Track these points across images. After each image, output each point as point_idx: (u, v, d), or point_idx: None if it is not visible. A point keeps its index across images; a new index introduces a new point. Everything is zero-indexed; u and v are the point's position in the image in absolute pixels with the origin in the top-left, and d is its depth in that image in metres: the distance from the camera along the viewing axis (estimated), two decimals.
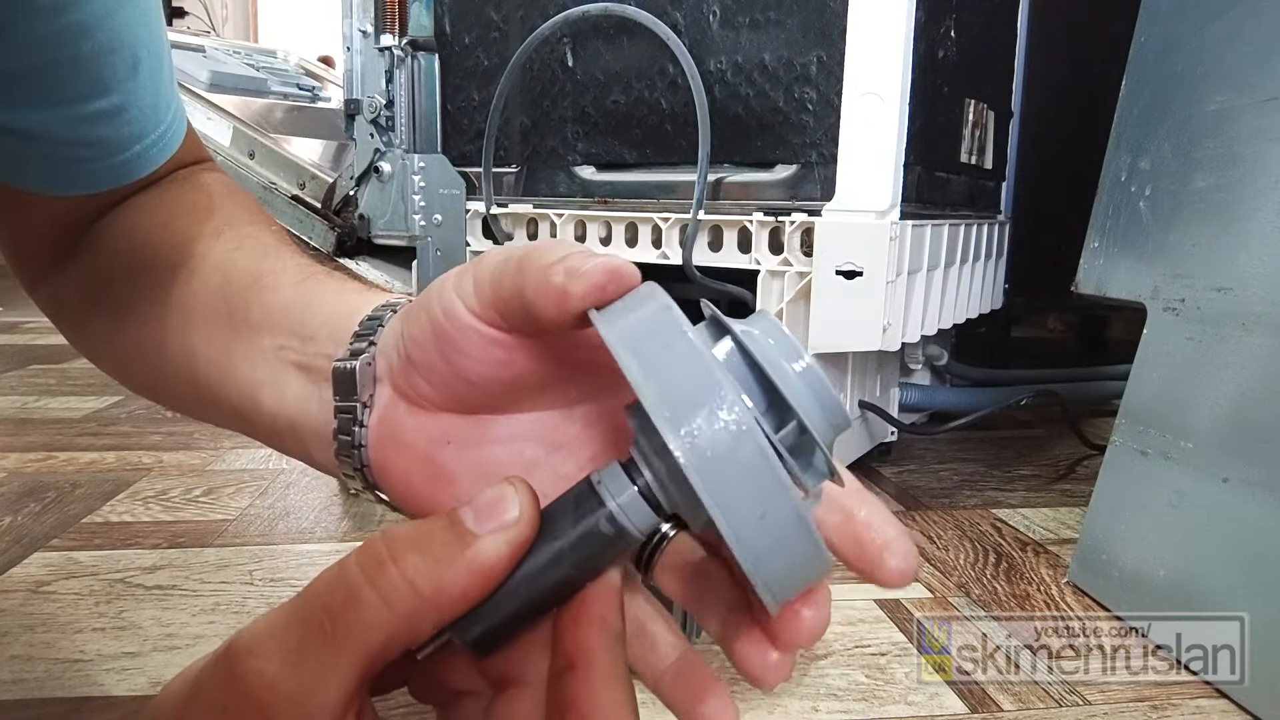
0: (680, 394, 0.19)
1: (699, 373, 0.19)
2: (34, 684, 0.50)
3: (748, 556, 0.19)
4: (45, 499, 0.80)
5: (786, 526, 0.19)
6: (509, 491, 0.21)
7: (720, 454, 0.19)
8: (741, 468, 0.19)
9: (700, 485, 0.19)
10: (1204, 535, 0.56)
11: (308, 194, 1.14)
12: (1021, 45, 1.04)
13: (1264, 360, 0.54)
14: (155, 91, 0.36)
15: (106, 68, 0.33)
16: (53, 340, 1.71)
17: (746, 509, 0.19)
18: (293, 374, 0.30)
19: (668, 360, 0.20)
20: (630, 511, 0.22)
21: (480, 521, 0.21)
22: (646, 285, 0.23)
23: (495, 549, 0.20)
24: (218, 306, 0.33)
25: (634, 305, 0.22)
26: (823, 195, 0.77)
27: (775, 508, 0.19)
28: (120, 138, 0.36)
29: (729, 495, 0.19)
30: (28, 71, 0.31)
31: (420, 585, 0.20)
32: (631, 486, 0.22)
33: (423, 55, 0.99)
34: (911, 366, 1.04)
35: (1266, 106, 0.56)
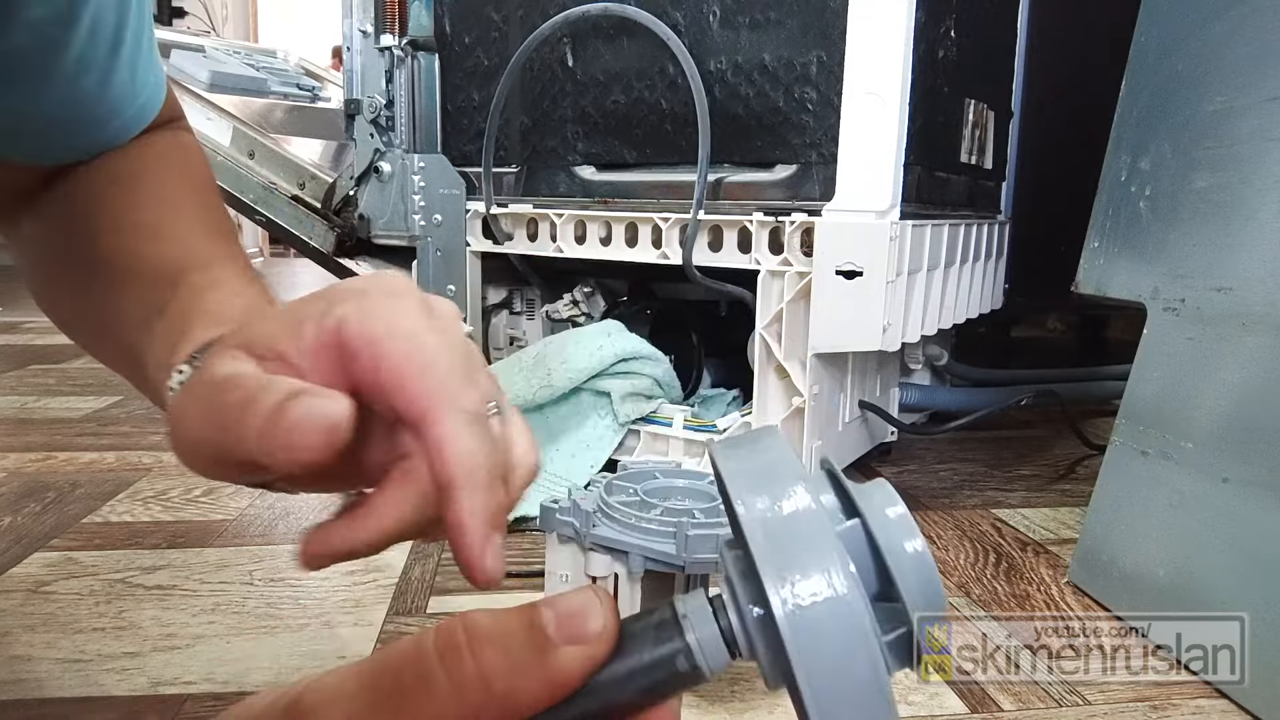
0: (794, 556, 0.19)
1: (818, 538, 0.19)
2: (34, 684, 0.50)
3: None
4: (45, 499, 0.80)
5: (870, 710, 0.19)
6: (594, 605, 0.21)
7: (822, 628, 0.19)
8: (841, 647, 0.19)
9: (795, 654, 0.18)
10: (1204, 535, 0.56)
11: (308, 194, 1.14)
12: (1021, 45, 1.04)
13: (1264, 360, 0.54)
14: (132, 68, 0.38)
15: (89, 48, 0.34)
16: (53, 340, 1.71)
17: (835, 687, 0.19)
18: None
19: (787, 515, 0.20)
20: (707, 650, 0.21)
21: (560, 629, 0.20)
22: (768, 429, 0.23)
23: (572, 662, 0.20)
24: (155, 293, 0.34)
25: (758, 447, 0.22)
26: (823, 195, 0.77)
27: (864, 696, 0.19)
28: (99, 114, 0.38)
29: (821, 670, 0.19)
30: (17, 53, 0.32)
31: (493, 683, 0.20)
32: (714, 624, 0.21)
33: (423, 55, 0.99)
34: (911, 366, 1.04)
35: (1266, 106, 0.56)
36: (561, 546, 0.53)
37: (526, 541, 0.72)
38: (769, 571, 0.19)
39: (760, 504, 0.20)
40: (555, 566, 0.53)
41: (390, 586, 0.64)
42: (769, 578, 0.19)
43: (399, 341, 0.25)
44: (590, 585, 0.22)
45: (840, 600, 0.19)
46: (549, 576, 0.54)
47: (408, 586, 0.64)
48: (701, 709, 0.50)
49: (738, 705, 0.50)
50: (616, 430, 0.85)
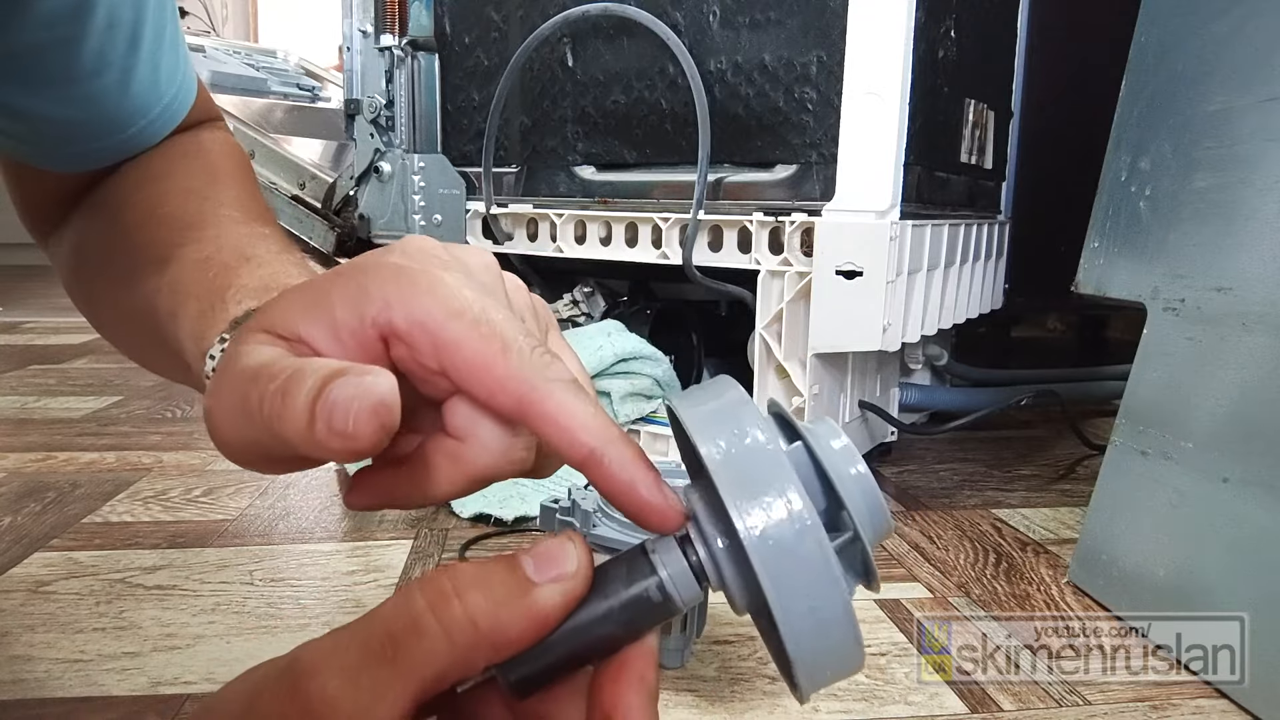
0: (753, 484, 0.21)
1: (772, 467, 0.22)
2: (34, 684, 0.50)
3: (794, 644, 0.21)
4: (45, 499, 0.80)
5: (834, 621, 0.21)
6: (569, 546, 0.22)
7: (784, 545, 0.21)
8: (802, 561, 0.21)
9: (762, 571, 0.21)
10: (1204, 535, 0.56)
11: (308, 194, 1.14)
12: (1021, 45, 1.04)
13: (1264, 360, 0.54)
14: (155, 65, 0.37)
15: (107, 44, 0.34)
16: (53, 340, 1.71)
17: (801, 599, 0.21)
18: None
19: (744, 451, 0.22)
20: (679, 583, 0.23)
21: (539, 570, 0.22)
22: (723, 377, 0.25)
23: (551, 598, 0.22)
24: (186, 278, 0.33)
25: (714, 394, 0.24)
26: (823, 195, 0.77)
27: (827, 602, 0.21)
28: (123, 114, 0.37)
29: (787, 584, 0.21)
30: (32, 50, 0.32)
31: (480, 622, 0.21)
32: (683, 560, 0.23)
33: (423, 55, 0.99)
34: (911, 366, 1.04)
35: (1266, 106, 0.56)
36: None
37: (526, 541, 0.72)
38: (733, 502, 0.21)
39: (721, 442, 0.22)
40: None
41: (390, 587, 0.63)
42: (733, 507, 0.21)
43: (464, 325, 0.23)
44: (565, 530, 0.23)
45: (798, 520, 0.21)
46: None
47: None
48: (701, 709, 0.50)
49: (738, 705, 0.50)
50: None
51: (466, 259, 0.27)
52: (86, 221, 0.41)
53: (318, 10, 2.95)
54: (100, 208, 0.40)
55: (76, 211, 0.42)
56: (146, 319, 0.34)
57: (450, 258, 0.26)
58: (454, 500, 0.77)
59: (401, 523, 0.76)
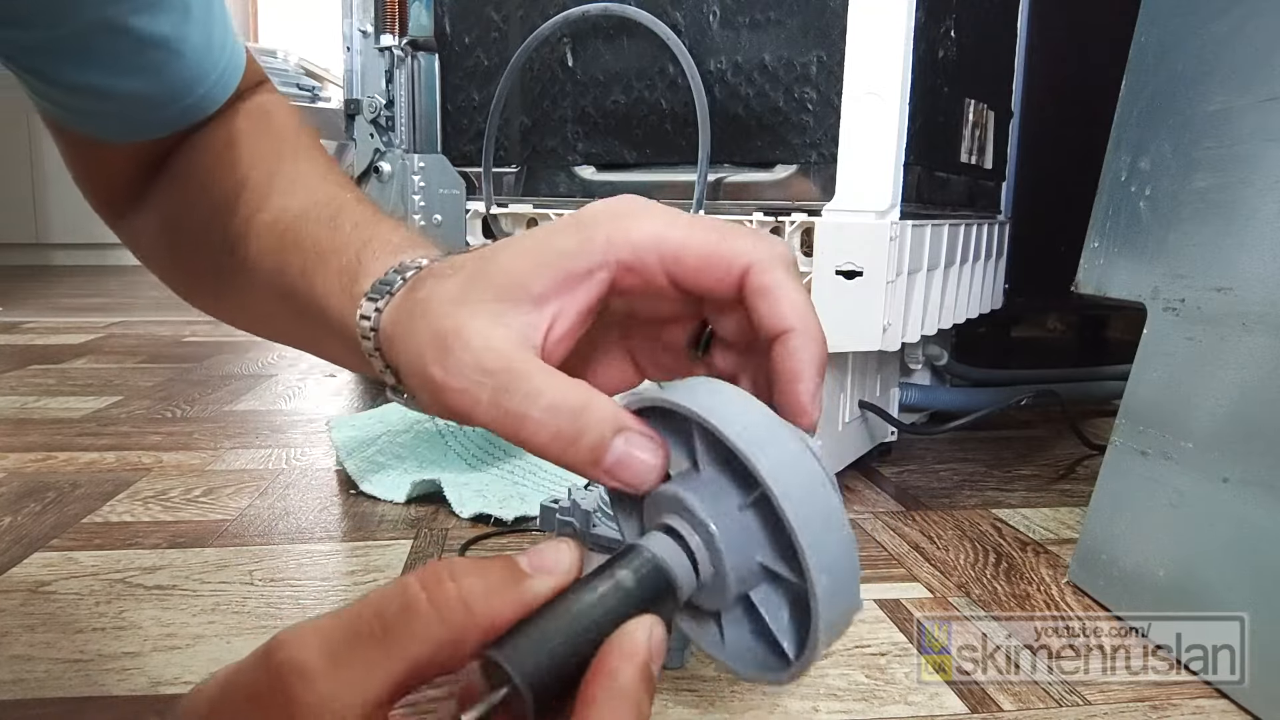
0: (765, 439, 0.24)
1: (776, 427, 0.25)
2: (34, 684, 0.50)
3: (824, 594, 0.23)
4: (45, 499, 0.80)
5: (850, 564, 0.23)
6: (563, 545, 0.24)
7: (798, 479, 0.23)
8: (825, 510, 0.23)
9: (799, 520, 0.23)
10: (1204, 535, 0.56)
11: None
12: (1021, 45, 1.04)
13: (1264, 360, 0.54)
14: (208, 33, 0.38)
15: (161, 16, 0.35)
16: (52, 340, 1.71)
17: (827, 547, 0.23)
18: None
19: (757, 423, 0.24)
20: (669, 558, 0.24)
21: (533, 563, 0.23)
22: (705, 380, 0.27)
23: (544, 586, 0.23)
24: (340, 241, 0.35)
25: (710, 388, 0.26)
26: (823, 195, 0.77)
27: (845, 546, 0.24)
28: (180, 83, 0.38)
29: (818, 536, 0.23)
30: (89, 27, 0.33)
31: (474, 605, 0.21)
32: (672, 542, 0.25)
33: (423, 55, 0.99)
34: (911, 366, 1.04)
35: (1266, 106, 0.56)
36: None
37: (526, 541, 0.72)
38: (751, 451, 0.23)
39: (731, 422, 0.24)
40: None
41: None
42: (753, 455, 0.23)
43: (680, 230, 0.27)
44: (561, 535, 0.25)
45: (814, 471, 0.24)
46: None
47: None
48: (701, 709, 0.50)
49: (737, 705, 0.50)
50: None
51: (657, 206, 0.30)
52: (171, 195, 0.42)
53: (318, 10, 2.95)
54: (185, 179, 0.41)
55: (156, 187, 0.43)
56: (269, 281, 0.36)
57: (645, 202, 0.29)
58: (455, 505, 0.77)
59: (401, 523, 0.76)
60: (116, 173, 0.42)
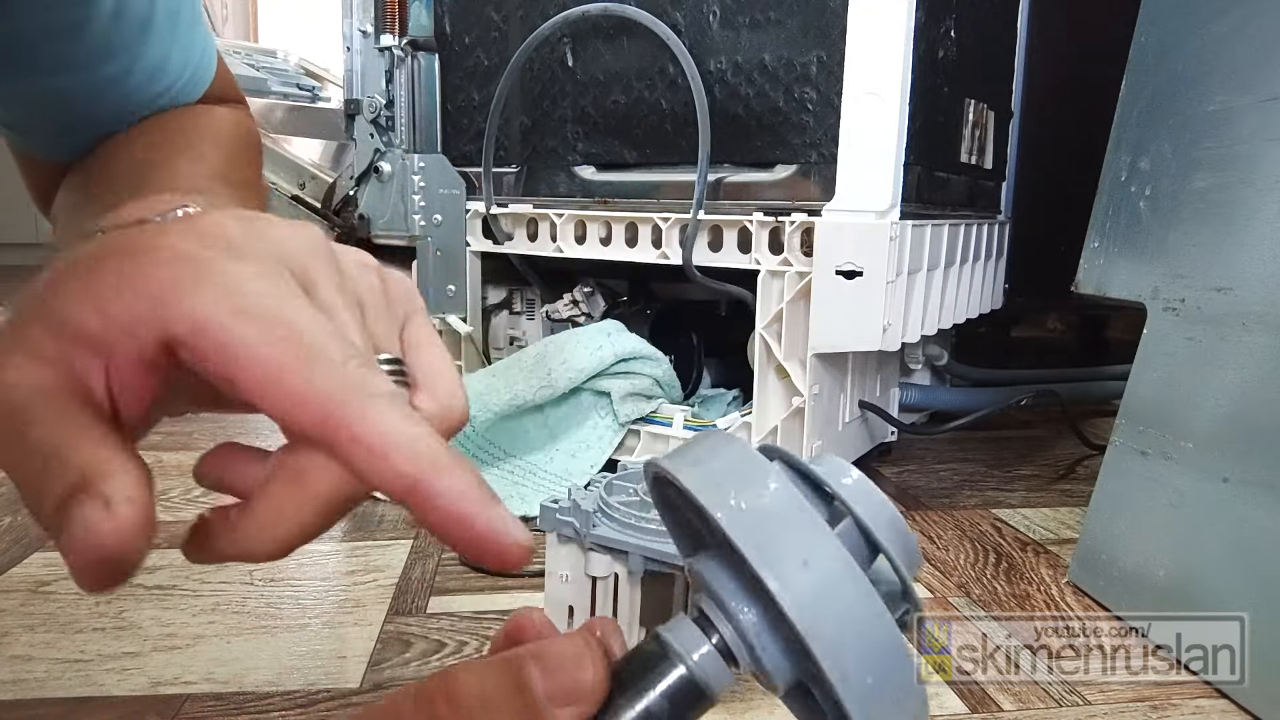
0: (782, 543, 0.19)
1: (801, 521, 0.19)
2: (34, 684, 0.50)
3: (860, 710, 0.19)
4: None
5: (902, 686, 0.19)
6: (583, 656, 0.19)
7: (828, 599, 0.19)
8: (857, 621, 0.19)
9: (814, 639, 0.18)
10: (1204, 535, 0.56)
11: (308, 194, 1.14)
12: (1021, 45, 1.04)
13: (1264, 360, 0.54)
14: (165, 52, 0.36)
15: (113, 31, 0.33)
16: None
17: (863, 666, 0.19)
18: None
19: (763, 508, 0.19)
20: (707, 669, 0.21)
21: (550, 689, 0.19)
22: (714, 432, 0.22)
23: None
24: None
25: (710, 450, 0.21)
26: (823, 195, 0.77)
27: (891, 665, 0.19)
28: (128, 104, 0.36)
29: (845, 649, 0.18)
30: (37, 35, 0.31)
31: None
32: (705, 642, 0.21)
33: (423, 55, 0.99)
34: (911, 366, 1.04)
35: (1266, 106, 0.56)
36: (561, 546, 0.53)
37: None
38: (764, 564, 0.19)
39: (734, 502, 0.19)
40: (555, 566, 0.53)
41: (390, 586, 0.63)
42: (766, 570, 0.19)
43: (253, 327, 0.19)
44: (579, 632, 0.20)
45: (837, 570, 0.19)
46: (549, 576, 0.54)
47: (408, 586, 0.64)
48: None
49: (738, 705, 0.50)
50: (616, 430, 0.85)
51: (281, 239, 0.22)
52: (63, 189, 0.39)
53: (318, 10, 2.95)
54: (74, 173, 0.38)
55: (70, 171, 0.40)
56: None
57: (250, 239, 0.21)
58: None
59: (401, 523, 0.76)
60: (51, 181, 0.39)
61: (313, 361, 0.19)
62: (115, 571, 0.18)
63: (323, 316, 0.20)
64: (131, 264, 0.20)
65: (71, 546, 0.17)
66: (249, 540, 0.21)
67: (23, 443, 0.19)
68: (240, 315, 0.19)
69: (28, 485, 0.19)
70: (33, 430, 0.19)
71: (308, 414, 0.19)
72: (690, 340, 0.98)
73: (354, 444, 0.19)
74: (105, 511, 0.18)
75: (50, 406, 0.19)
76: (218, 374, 0.19)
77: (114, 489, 0.18)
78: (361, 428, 0.19)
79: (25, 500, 0.19)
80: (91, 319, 0.19)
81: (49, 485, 0.18)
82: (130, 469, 0.19)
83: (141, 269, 0.20)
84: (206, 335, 0.19)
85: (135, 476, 0.19)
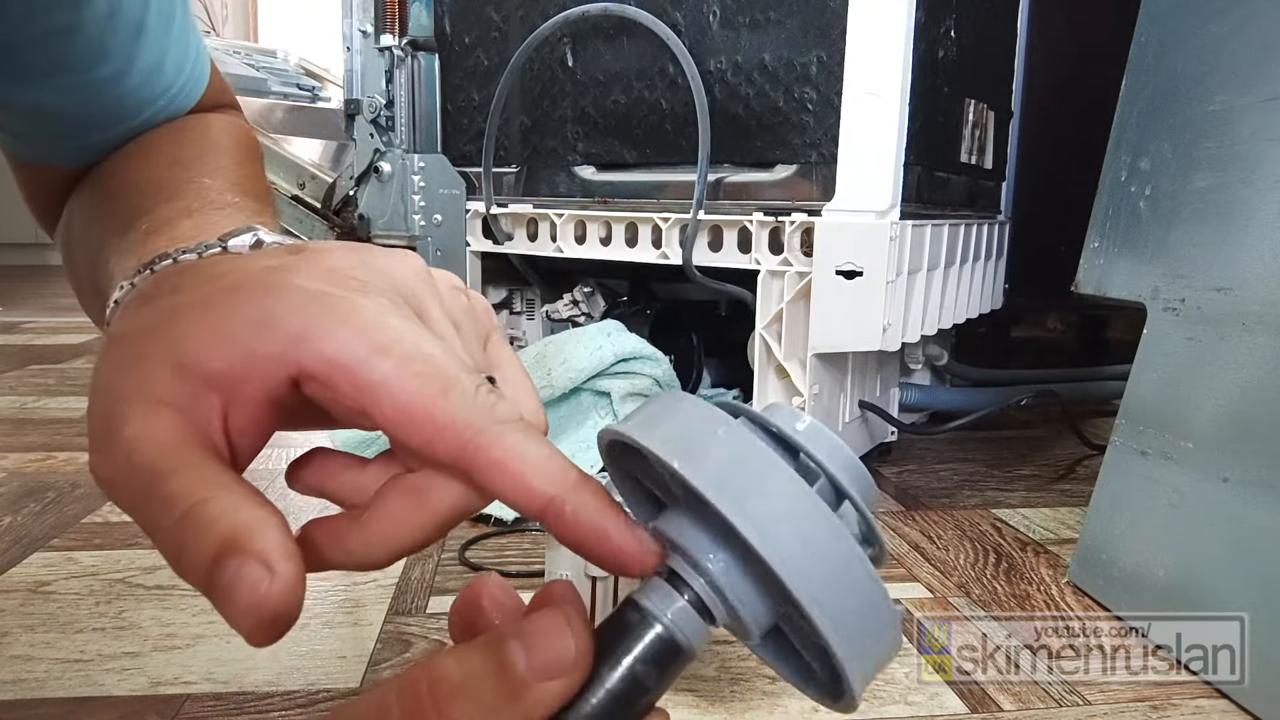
0: (744, 483, 0.19)
1: (759, 461, 0.20)
2: (34, 684, 0.50)
3: (839, 640, 0.19)
4: (45, 499, 0.80)
5: (870, 604, 0.20)
6: (565, 629, 0.19)
7: (802, 535, 0.19)
8: (822, 547, 0.19)
9: (786, 569, 0.19)
10: (1204, 535, 0.56)
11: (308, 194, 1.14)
12: (1021, 45, 1.04)
13: (1264, 360, 0.54)
14: (161, 55, 0.35)
15: (107, 33, 0.32)
16: (52, 340, 1.71)
17: (833, 590, 0.19)
18: None
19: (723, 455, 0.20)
20: (683, 625, 0.21)
21: (533, 664, 0.19)
22: (662, 394, 0.23)
23: (548, 699, 0.19)
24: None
25: (664, 409, 0.22)
26: (823, 195, 0.77)
27: (858, 585, 0.19)
28: (123, 107, 0.36)
29: (815, 577, 0.19)
30: (29, 39, 0.30)
31: None
32: (679, 599, 0.21)
33: (423, 55, 0.99)
34: (911, 366, 1.04)
35: (1266, 106, 0.56)
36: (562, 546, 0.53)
37: (526, 541, 0.72)
38: (730, 506, 0.19)
39: (690, 451, 0.20)
40: (555, 566, 0.53)
41: (390, 587, 0.63)
42: (726, 507, 0.19)
43: (392, 363, 0.20)
44: (559, 604, 0.21)
45: (802, 504, 0.19)
46: (549, 576, 0.54)
47: (408, 587, 0.64)
48: (701, 709, 0.50)
49: (738, 705, 0.50)
50: None
51: (389, 269, 0.23)
52: (75, 199, 0.39)
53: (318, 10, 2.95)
54: (87, 184, 0.38)
55: (75, 192, 0.40)
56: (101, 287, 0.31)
57: (369, 272, 0.22)
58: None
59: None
60: (52, 183, 0.39)
61: (449, 392, 0.20)
62: (285, 625, 0.18)
63: (450, 344, 0.22)
64: (261, 304, 0.20)
65: (237, 609, 0.18)
66: (362, 551, 0.22)
67: (154, 499, 0.19)
68: (378, 352, 0.20)
69: (164, 541, 0.19)
70: (164, 486, 0.19)
71: (447, 443, 0.20)
72: (690, 340, 0.99)
73: (494, 468, 0.20)
74: (267, 573, 0.18)
75: (179, 459, 0.20)
76: (351, 408, 0.20)
77: (269, 546, 0.18)
78: (500, 453, 0.20)
79: (162, 552, 0.20)
80: (220, 359, 0.20)
81: (191, 544, 0.19)
82: (273, 520, 0.19)
83: (274, 309, 0.20)
84: (345, 373, 0.20)
85: (279, 527, 0.19)
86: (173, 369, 0.20)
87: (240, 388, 0.20)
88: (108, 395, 0.21)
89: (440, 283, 0.25)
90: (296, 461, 0.25)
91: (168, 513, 0.19)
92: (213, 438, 0.21)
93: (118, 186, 0.35)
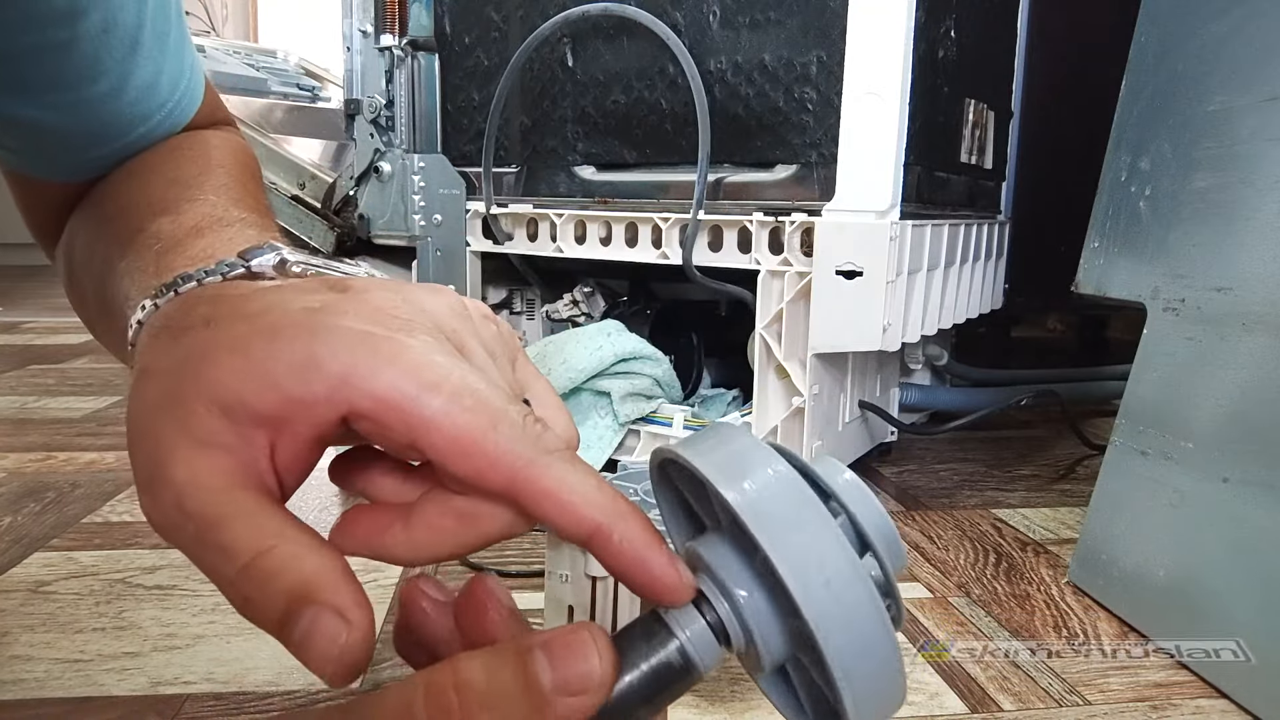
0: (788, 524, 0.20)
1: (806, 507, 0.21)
2: (34, 684, 0.50)
3: (850, 690, 0.20)
4: (45, 499, 0.80)
5: (884, 662, 0.20)
6: (590, 645, 0.20)
7: (834, 588, 0.20)
8: (852, 603, 0.20)
9: (813, 614, 0.19)
10: (1204, 535, 0.56)
11: (308, 194, 1.14)
12: (1021, 45, 1.04)
13: (1264, 360, 0.54)
14: (156, 70, 0.36)
15: (102, 49, 0.32)
16: (52, 340, 1.71)
17: (854, 642, 0.20)
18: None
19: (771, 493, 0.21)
20: (699, 646, 0.22)
21: (559, 681, 0.19)
22: (722, 424, 0.24)
23: (572, 715, 0.19)
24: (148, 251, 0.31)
25: (721, 439, 0.23)
26: (823, 195, 0.77)
27: (878, 641, 0.20)
28: (119, 122, 0.36)
29: (840, 626, 0.20)
30: (23, 55, 0.30)
31: None
32: (700, 620, 0.22)
33: (423, 55, 0.99)
34: (911, 366, 1.04)
35: (1266, 106, 0.56)
36: (562, 546, 0.53)
37: (526, 541, 0.72)
38: (770, 542, 0.20)
39: (745, 485, 0.21)
40: (555, 566, 0.53)
41: (390, 587, 0.63)
42: (773, 549, 0.20)
43: (443, 400, 0.21)
44: (586, 623, 0.21)
45: (841, 559, 0.20)
46: (549, 576, 0.54)
47: None
48: (701, 709, 0.50)
49: (738, 705, 0.50)
50: (616, 430, 0.85)
51: (428, 306, 0.24)
52: (75, 220, 0.39)
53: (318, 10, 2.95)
54: (87, 204, 0.38)
55: (75, 212, 0.40)
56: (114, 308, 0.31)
57: (411, 311, 0.23)
58: None
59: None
60: (50, 200, 0.40)
61: (498, 425, 0.21)
62: (364, 667, 0.19)
63: (487, 378, 0.22)
64: (307, 346, 0.21)
65: (317, 659, 0.19)
66: (403, 553, 0.23)
67: (210, 548, 0.20)
68: (428, 390, 0.21)
69: (227, 590, 0.20)
70: (219, 535, 0.20)
71: (499, 473, 0.21)
72: (690, 340, 0.98)
73: (545, 498, 0.21)
74: (344, 623, 0.19)
75: (233, 505, 0.20)
76: (401, 443, 0.21)
77: (340, 598, 0.19)
78: (551, 483, 0.21)
79: (227, 597, 0.20)
80: (267, 399, 0.21)
81: (258, 597, 0.19)
82: (338, 566, 0.20)
83: (319, 353, 0.21)
84: (396, 411, 0.21)
85: (345, 573, 0.20)
86: (218, 409, 0.21)
87: (289, 426, 0.21)
88: (148, 437, 0.21)
89: (474, 316, 0.26)
90: (342, 457, 0.25)
91: (229, 563, 0.20)
92: (262, 476, 0.21)
93: (119, 207, 0.35)
